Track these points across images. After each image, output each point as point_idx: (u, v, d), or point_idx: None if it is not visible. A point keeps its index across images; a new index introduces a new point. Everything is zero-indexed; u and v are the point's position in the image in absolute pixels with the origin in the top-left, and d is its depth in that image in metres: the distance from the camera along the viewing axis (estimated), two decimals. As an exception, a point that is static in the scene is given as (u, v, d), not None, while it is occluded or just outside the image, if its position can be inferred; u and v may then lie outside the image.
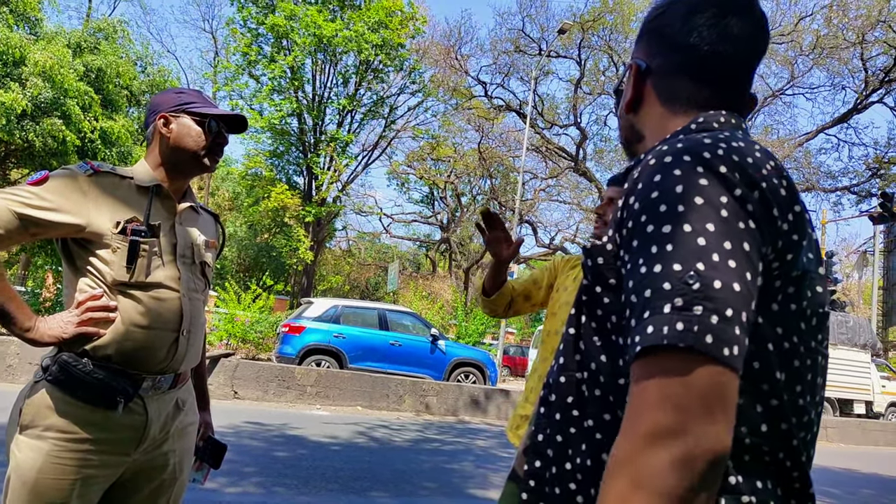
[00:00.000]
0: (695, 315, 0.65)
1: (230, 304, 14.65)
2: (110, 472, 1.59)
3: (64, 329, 1.53)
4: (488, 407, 10.43)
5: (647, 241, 0.72)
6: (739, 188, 0.71)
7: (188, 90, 1.81)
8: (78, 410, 1.53)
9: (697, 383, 0.64)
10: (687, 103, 0.91)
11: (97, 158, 12.73)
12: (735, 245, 0.68)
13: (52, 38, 12.58)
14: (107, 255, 1.58)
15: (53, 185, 1.54)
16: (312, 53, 23.01)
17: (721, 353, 0.64)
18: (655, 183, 0.74)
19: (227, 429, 6.40)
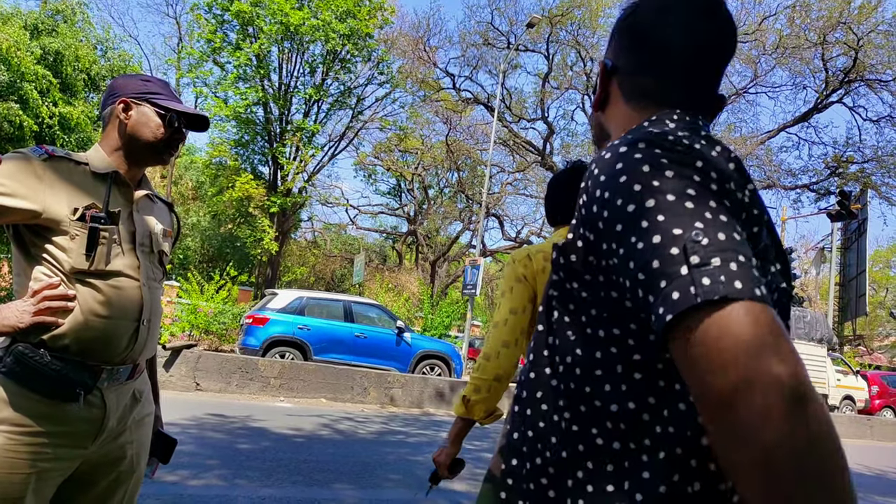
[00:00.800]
0: (716, 267, 0.65)
1: (193, 294, 14.44)
2: (66, 465, 1.55)
3: (20, 318, 1.48)
4: (453, 399, 10.50)
5: (633, 220, 0.72)
6: (699, 162, 0.73)
7: (154, 79, 1.77)
8: (33, 403, 1.49)
9: (748, 328, 0.62)
10: (650, 102, 0.92)
11: (56, 144, 12.40)
12: (717, 207, 0.70)
13: (8, 18, 12.17)
14: (64, 243, 1.54)
15: (7, 168, 1.49)
16: (279, 42, 22.70)
17: (754, 293, 0.64)
18: (619, 170, 0.75)
19: (189, 421, 6.33)
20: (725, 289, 0.63)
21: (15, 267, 1.60)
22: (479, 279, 16.20)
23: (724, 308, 0.63)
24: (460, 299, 22.72)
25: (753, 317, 0.62)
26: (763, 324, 0.62)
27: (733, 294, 0.63)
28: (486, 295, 34.17)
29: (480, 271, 16.38)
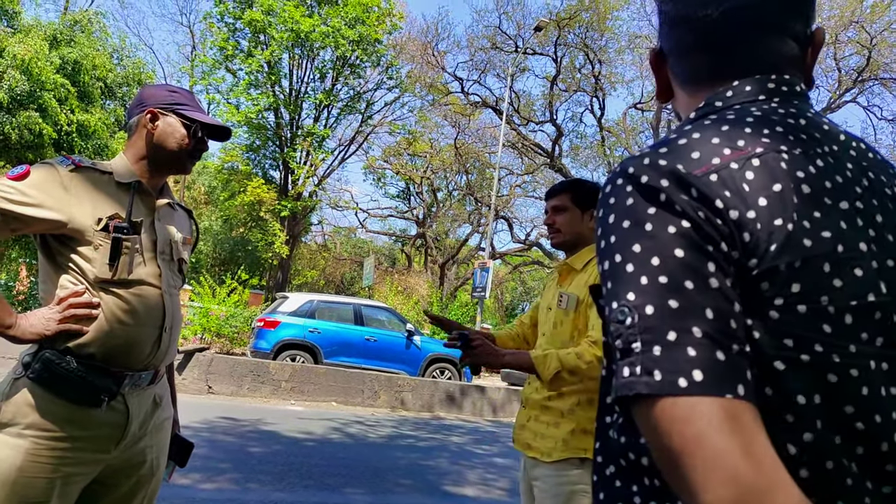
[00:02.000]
0: (636, 354, 0.58)
1: (205, 298, 14.56)
2: (90, 469, 1.59)
3: (46, 326, 1.51)
4: (464, 403, 10.54)
5: (602, 283, 0.67)
6: (665, 192, 0.63)
7: (181, 90, 1.81)
8: (60, 408, 1.52)
9: (663, 434, 0.55)
10: (709, 80, 0.80)
11: (74, 151, 12.59)
12: (664, 257, 0.60)
13: (29, 30, 12.40)
14: (89, 252, 1.57)
15: (35, 179, 1.52)
16: (290, 48, 22.86)
17: (676, 387, 0.55)
18: (599, 218, 0.70)
19: (201, 424, 6.42)
20: (639, 384, 0.57)
21: (41, 275, 1.64)
22: (489, 282, 16.25)
23: (641, 405, 0.58)
24: (470, 302, 22.75)
25: (671, 419, 0.55)
26: (681, 426, 0.54)
27: (645, 390, 0.56)
28: (495, 298, 34.18)
29: (490, 274, 16.43)
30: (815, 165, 0.66)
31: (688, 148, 0.67)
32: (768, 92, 0.75)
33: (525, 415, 2.16)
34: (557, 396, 2.05)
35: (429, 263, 31.73)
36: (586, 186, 2.22)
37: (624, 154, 26.66)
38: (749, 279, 0.61)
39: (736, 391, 0.55)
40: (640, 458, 0.69)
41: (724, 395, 0.55)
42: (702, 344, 0.56)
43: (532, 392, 2.14)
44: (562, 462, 1.98)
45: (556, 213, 2.20)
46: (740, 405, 0.55)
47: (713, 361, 0.56)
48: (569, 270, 2.20)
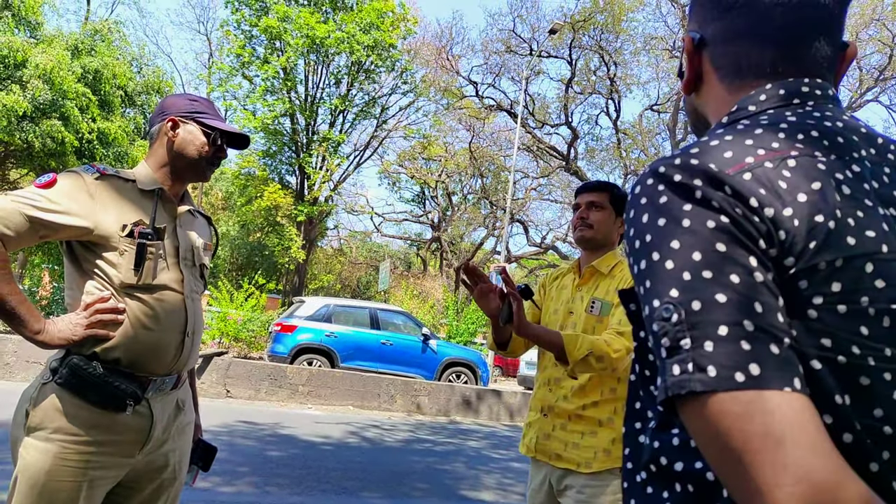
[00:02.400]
0: (685, 351, 0.56)
1: (223, 302, 14.68)
2: (115, 473, 1.62)
3: (73, 331, 1.54)
4: (480, 407, 10.53)
5: (636, 283, 0.66)
6: (700, 190, 0.62)
7: (201, 98, 1.85)
8: (87, 413, 1.55)
9: (720, 432, 0.54)
10: (752, 74, 0.77)
11: (95, 159, 12.77)
12: (707, 251, 0.59)
13: (52, 40, 12.63)
14: (114, 258, 1.61)
15: (62, 187, 1.55)
16: (305, 54, 23.04)
17: (733, 382, 0.53)
18: (630, 220, 0.69)
19: (219, 428, 6.47)
20: (692, 381, 0.55)
21: (67, 281, 1.67)
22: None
23: (694, 403, 0.56)
24: (486, 306, 22.66)
25: (735, 413, 0.53)
26: (747, 420, 0.52)
27: (700, 387, 0.55)
28: (511, 301, 34.03)
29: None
30: (852, 170, 0.65)
31: (719, 148, 0.66)
32: (802, 95, 0.74)
33: (549, 423, 2.08)
34: (592, 405, 2.01)
35: (444, 267, 31.76)
36: (621, 191, 2.20)
37: (640, 156, 26.54)
38: (786, 278, 0.60)
39: (793, 384, 0.54)
40: (672, 463, 0.68)
41: (784, 388, 0.53)
42: (755, 337, 0.55)
43: (559, 400, 2.07)
44: (604, 472, 1.95)
45: (591, 209, 2.17)
46: (800, 398, 0.53)
47: (768, 354, 0.55)
48: (592, 273, 2.17)
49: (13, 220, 1.47)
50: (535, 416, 2.16)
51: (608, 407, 2.00)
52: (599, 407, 2.00)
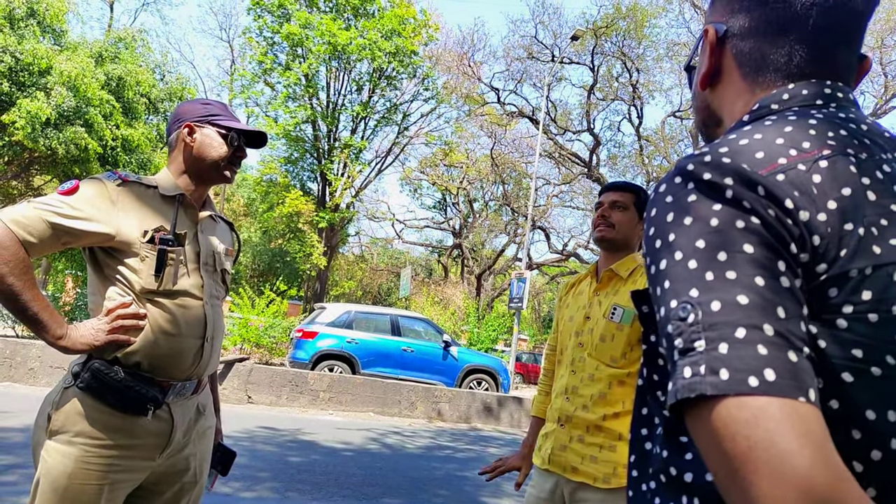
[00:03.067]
0: (698, 353, 0.54)
1: (244, 308, 14.79)
2: (136, 476, 1.62)
3: (95, 336, 1.55)
4: (501, 414, 10.45)
5: (652, 284, 0.63)
6: (731, 189, 0.60)
7: (214, 102, 1.85)
8: (108, 417, 1.55)
9: (728, 434, 0.51)
10: (778, 73, 0.74)
11: (118, 165, 12.94)
12: (733, 252, 0.57)
13: (76, 48, 12.85)
14: (135, 264, 1.61)
15: (84, 194, 1.56)
16: (327, 61, 23.23)
17: (745, 386, 0.51)
18: (651, 218, 0.66)
19: (241, 433, 6.47)
20: (703, 384, 0.53)
21: (90, 287, 1.68)
22: (526, 293, 16.11)
23: (703, 407, 0.53)
24: (506, 313, 22.63)
25: (743, 420, 0.50)
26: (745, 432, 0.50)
27: (710, 390, 0.52)
28: (532, 308, 33.95)
29: (527, 284, 16.30)
30: (882, 171, 0.63)
31: (750, 148, 0.63)
32: (825, 97, 0.71)
33: (566, 434, 2.00)
34: (613, 416, 1.92)
35: (465, 274, 31.72)
36: (647, 195, 2.12)
37: (663, 163, 26.31)
38: (815, 285, 0.58)
39: (808, 395, 0.51)
40: (682, 474, 0.65)
41: (797, 397, 0.51)
42: (774, 343, 0.53)
43: (577, 409, 1.98)
44: (623, 490, 1.85)
45: (615, 209, 2.10)
46: (812, 410, 0.51)
47: (786, 362, 0.52)
48: (611, 277, 2.09)
49: (36, 226, 1.48)
50: (551, 426, 2.07)
51: (630, 420, 1.91)
52: (621, 419, 1.92)
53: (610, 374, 1.95)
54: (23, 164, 12.54)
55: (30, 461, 1.64)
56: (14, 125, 10.67)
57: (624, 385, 1.94)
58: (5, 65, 10.83)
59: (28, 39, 11.55)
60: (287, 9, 22.68)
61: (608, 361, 1.96)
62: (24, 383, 7.94)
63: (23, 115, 10.56)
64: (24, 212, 1.48)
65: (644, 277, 2.01)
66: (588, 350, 2.01)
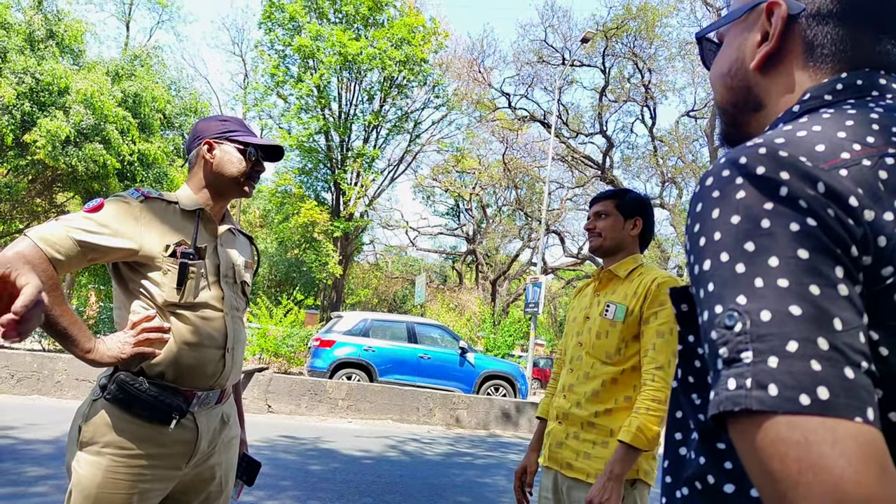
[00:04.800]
0: (745, 365, 0.51)
1: (262, 318, 14.92)
2: (164, 485, 1.66)
3: (122, 349, 1.59)
4: (520, 420, 10.42)
5: (695, 284, 0.60)
6: (787, 186, 0.55)
7: (231, 118, 1.91)
8: (135, 427, 1.60)
9: (778, 454, 0.48)
10: (834, 62, 0.69)
11: (136, 180, 13.14)
12: (785, 257, 0.53)
13: (93, 67, 13.11)
14: (158, 278, 1.66)
15: (109, 211, 1.61)
16: (338, 72, 23.41)
17: (796, 404, 0.48)
18: (696, 214, 0.62)
19: (262, 442, 6.53)
20: (749, 398, 0.50)
21: (115, 300, 1.73)
22: (542, 297, 16.08)
23: (747, 422, 0.50)
24: (522, 318, 22.58)
25: (792, 440, 0.47)
26: (796, 453, 0.47)
27: (757, 406, 0.49)
28: (548, 313, 33.83)
29: (542, 289, 16.25)
30: None
31: (810, 140, 0.59)
32: (880, 88, 0.67)
33: (563, 431, 2.08)
34: (605, 413, 1.99)
35: (480, 280, 31.70)
36: (631, 195, 2.21)
37: (677, 163, 26.16)
38: (880, 289, 0.54)
39: (865, 415, 0.47)
40: (722, 484, 0.63)
41: (853, 417, 0.47)
42: (828, 358, 0.49)
43: (572, 406, 2.06)
44: None
45: (598, 218, 2.21)
46: (871, 432, 0.47)
47: (841, 378, 0.48)
48: (610, 278, 2.18)
49: (63, 244, 1.52)
50: (552, 424, 2.17)
51: (622, 416, 1.97)
52: (613, 416, 1.98)
53: (604, 372, 2.02)
54: (46, 182, 12.79)
55: (59, 472, 1.70)
56: (35, 144, 10.90)
57: (617, 383, 2.00)
58: (26, 85, 11.07)
59: (48, 60, 11.81)
60: (298, 21, 22.91)
61: (603, 358, 2.03)
62: (51, 396, 8.08)
63: (43, 135, 10.80)
64: (51, 230, 1.53)
65: (641, 277, 2.08)
66: (586, 348, 2.10)
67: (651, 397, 1.87)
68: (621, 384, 2.00)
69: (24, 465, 4.55)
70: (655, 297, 1.98)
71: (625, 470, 1.83)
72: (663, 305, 1.96)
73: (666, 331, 1.94)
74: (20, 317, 0.96)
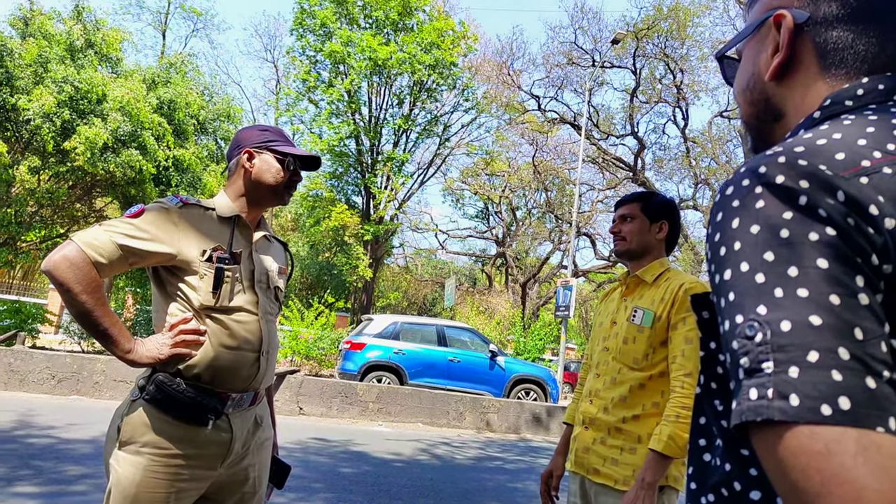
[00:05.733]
0: (766, 375, 0.51)
1: (294, 321, 15.07)
2: (199, 485, 1.70)
3: (160, 351, 1.64)
4: (551, 424, 10.35)
5: (716, 293, 0.60)
6: (806, 195, 0.55)
7: (271, 128, 1.95)
8: (172, 427, 1.64)
9: (800, 465, 0.48)
10: (853, 66, 0.69)
11: (171, 185, 13.39)
12: (805, 267, 0.53)
13: (130, 74, 13.44)
14: (195, 282, 1.70)
15: (149, 217, 1.67)
16: (368, 76, 23.58)
17: (818, 414, 0.47)
18: (717, 223, 0.62)
19: (293, 444, 6.59)
20: (770, 409, 0.49)
21: (154, 303, 1.78)
22: (572, 300, 15.96)
23: (769, 432, 0.50)
24: (553, 321, 22.44)
25: (814, 451, 0.47)
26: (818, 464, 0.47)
27: (779, 416, 0.49)
28: (579, 316, 33.54)
29: (573, 292, 16.13)
30: None
31: (830, 148, 0.59)
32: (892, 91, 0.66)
33: (589, 436, 2.07)
34: (633, 419, 1.98)
35: (510, 283, 31.58)
36: (656, 198, 2.20)
37: (711, 165, 25.74)
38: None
39: (887, 425, 0.47)
40: (748, 491, 0.62)
41: (875, 427, 0.47)
42: (849, 368, 0.48)
43: (599, 412, 2.05)
44: None
45: (623, 222, 2.20)
46: (893, 441, 0.47)
47: (863, 388, 0.48)
48: (637, 283, 2.16)
49: (106, 248, 1.58)
50: (578, 429, 2.16)
51: (650, 422, 1.96)
52: (640, 422, 1.97)
53: (631, 378, 2.00)
54: (85, 188, 13.11)
55: (98, 471, 1.74)
56: (75, 151, 11.20)
57: (644, 388, 1.99)
58: (66, 94, 11.37)
59: (86, 69, 12.12)
60: (329, 27, 23.15)
61: (630, 364, 2.02)
62: (90, 396, 8.28)
63: (82, 141, 11.09)
64: (95, 235, 1.58)
65: (668, 282, 2.06)
66: (613, 354, 2.08)
67: (681, 404, 1.86)
68: (649, 390, 1.99)
69: (65, 464, 4.66)
70: (683, 303, 1.97)
71: (657, 478, 1.82)
72: (691, 311, 1.93)
73: (694, 337, 1.92)
74: None
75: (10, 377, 8.13)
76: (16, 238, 12.32)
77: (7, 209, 11.63)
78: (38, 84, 11.39)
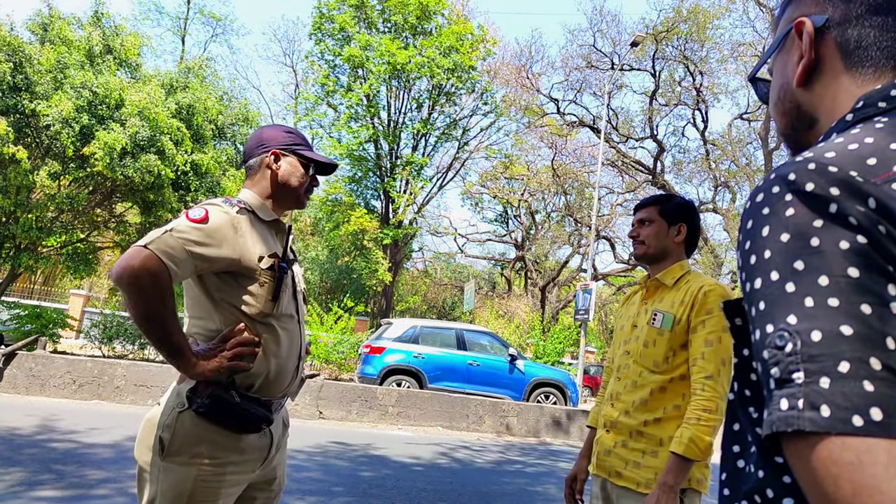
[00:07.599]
0: (797, 385, 0.50)
1: (313, 325, 15.12)
2: (239, 489, 1.72)
3: (220, 363, 1.61)
4: (570, 428, 10.27)
5: (747, 301, 0.60)
6: (836, 203, 0.54)
7: (295, 131, 1.93)
8: (223, 438, 1.63)
9: (832, 476, 0.47)
10: (883, 63, 0.68)
11: (190, 190, 13.49)
12: (835, 276, 0.52)
13: (149, 80, 13.55)
14: (254, 289, 1.68)
15: (214, 222, 1.62)
16: (387, 81, 23.64)
17: (849, 425, 0.47)
18: (747, 231, 0.61)
19: (313, 448, 6.59)
20: (801, 419, 0.49)
21: (194, 309, 1.72)
22: (592, 304, 15.83)
23: (801, 443, 0.50)
24: (572, 325, 22.27)
25: (844, 462, 0.47)
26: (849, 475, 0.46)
27: (809, 427, 0.48)
28: (599, 320, 33.30)
29: (593, 296, 16.01)
30: None
31: (861, 153, 0.57)
32: None
33: (611, 439, 2.07)
34: (654, 422, 1.97)
35: (529, 286, 31.45)
36: (674, 200, 2.19)
37: (731, 167, 25.45)
38: None
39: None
40: (781, 497, 0.61)
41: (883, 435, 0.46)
42: (882, 378, 0.48)
43: (620, 415, 2.05)
44: None
45: (641, 226, 2.20)
46: None
47: (895, 399, 0.47)
48: (657, 286, 2.16)
49: (180, 256, 1.53)
50: (600, 432, 2.16)
51: (671, 425, 1.95)
52: (662, 425, 1.97)
53: (652, 381, 2.00)
54: (105, 193, 13.23)
55: (119, 476, 1.73)
56: (94, 156, 11.31)
57: (665, 392, 1.99)
58: (84, 99, 11.50)
59: (104, 74, 12.25)
60: (347, 32, 23.26)
61: (651, 367, 2.01)
62: (111, 401, 8.36)
63: (101, 147, 11.19)
64: (168, 242, 1.52)
65: (688, 285, 2.06)
66: (633, 357, 2.09)
67: (702, 407, 1.84)
68: (670, 393, 1.98)
69: (87, 468, 4.69)
70: (703, 306, 1.96)
71: (678, 481, 1.80)
72: (711, 314, 1.93)
73: (714, 339, 1.91)
74: None
75: (32, 382, 8.24)
76: (37, 243, 12.47)
77: (28, 214, 11.76)
78: (58, 89, 11.50)
